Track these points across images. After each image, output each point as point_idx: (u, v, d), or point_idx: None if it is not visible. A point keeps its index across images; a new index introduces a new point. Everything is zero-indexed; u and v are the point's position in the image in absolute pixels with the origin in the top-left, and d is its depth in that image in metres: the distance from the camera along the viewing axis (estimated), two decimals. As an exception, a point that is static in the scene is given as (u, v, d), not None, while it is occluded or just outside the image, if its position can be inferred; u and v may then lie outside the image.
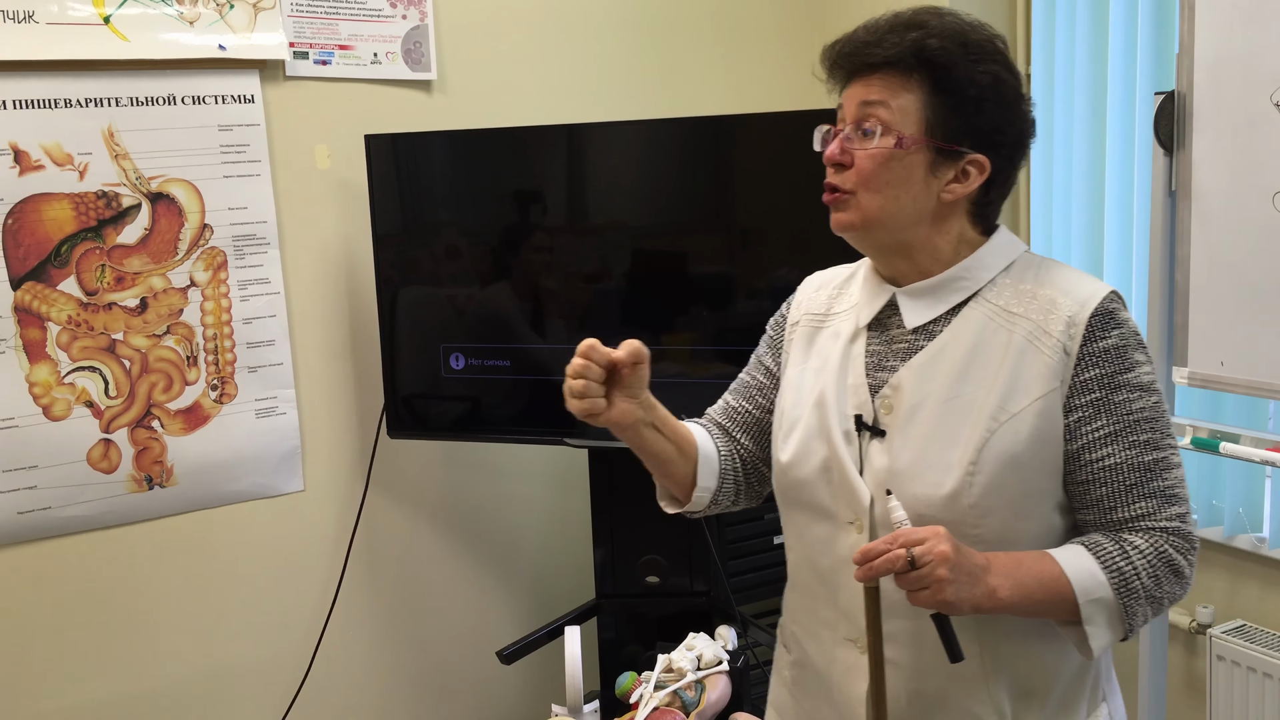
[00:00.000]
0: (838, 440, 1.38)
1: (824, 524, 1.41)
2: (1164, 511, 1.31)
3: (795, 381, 1.48)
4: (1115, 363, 1.30)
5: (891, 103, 1.31)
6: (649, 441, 1.45)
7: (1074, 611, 1.27)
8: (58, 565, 2.50)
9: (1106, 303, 1.32)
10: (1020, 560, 1.27)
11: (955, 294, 1.37)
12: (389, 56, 2.75)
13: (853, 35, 1.37)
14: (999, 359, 1.32)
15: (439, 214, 2.70)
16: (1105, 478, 1.30)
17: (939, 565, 1.19)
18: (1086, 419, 1.30)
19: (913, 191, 1.33)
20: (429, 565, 2.94)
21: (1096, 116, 2.81)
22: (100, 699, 2.57)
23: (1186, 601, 2.71)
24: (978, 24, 1.36)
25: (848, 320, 1.45)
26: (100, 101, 2.43)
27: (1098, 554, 1.29)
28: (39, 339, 2.42)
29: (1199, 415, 2.43)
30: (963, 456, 1.29)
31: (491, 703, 3.05)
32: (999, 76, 1.33)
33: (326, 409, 2.77)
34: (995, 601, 1.24)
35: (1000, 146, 1.35)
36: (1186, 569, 1.32)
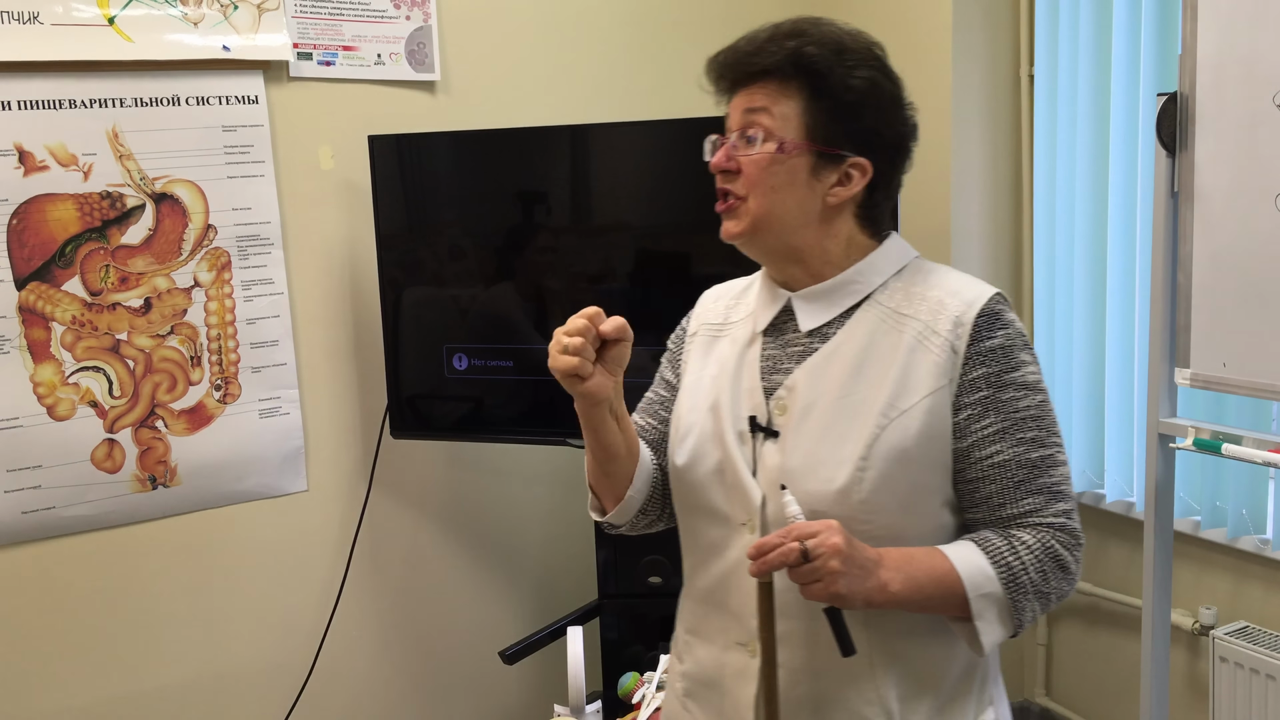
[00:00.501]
0: (731, 442, 1.40)
1: (718, 527, 1.42)
2: (1051, 508, 1.33)
3: (692, 388, 1.50)
4: (1001, 362, 1.33)
5: (773, 109, 1.35)
6: (608, 429, 1.45)
7: (964, 607, 1.29)
8: (62, 565, 2.51)
9: (992, 304, 1.35)
10: (911, 555, 1.30)
11: (848, 297, 1.40)
12: (392, 57, 2.75)
13: (734, 46, 1.40)
14: (889, 358, 1.35)
15: (442, 214, 2.71)
16: (994, 474, 1.33)
17: (831, 557, 1.21)
18: (975, 417, 1.33)
19: (797, 195, 1.36)
20: (432, 565, 2.95)
21: (1099, 118, 2.81)
22: (104, 698, 2.58)
23: (1189, 603, 2.71)
24: (856, 32, 1.41)
25: (744, 327, 1.48)
26: (104, 102, 2.44)
27: (987, 550, 1.31)
28: (43, 339, 2.43)
29: (1201, 416, 2.43)
30: (853, 452, 1.32)
31: (494, 703, 3.05)
32: (875, 81, 1.37)
33: (330, 409, 2.77)
34: (887, 595, 1.26)
35: (880, 149, 1.38)
36: (1073, 565, 1.34)
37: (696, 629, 1.49)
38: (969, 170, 3.03)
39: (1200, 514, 2.65)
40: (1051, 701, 3.21)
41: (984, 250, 3.08)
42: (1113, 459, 2.87)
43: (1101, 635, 3.04)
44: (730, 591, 1.40)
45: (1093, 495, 2.97)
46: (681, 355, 1.57)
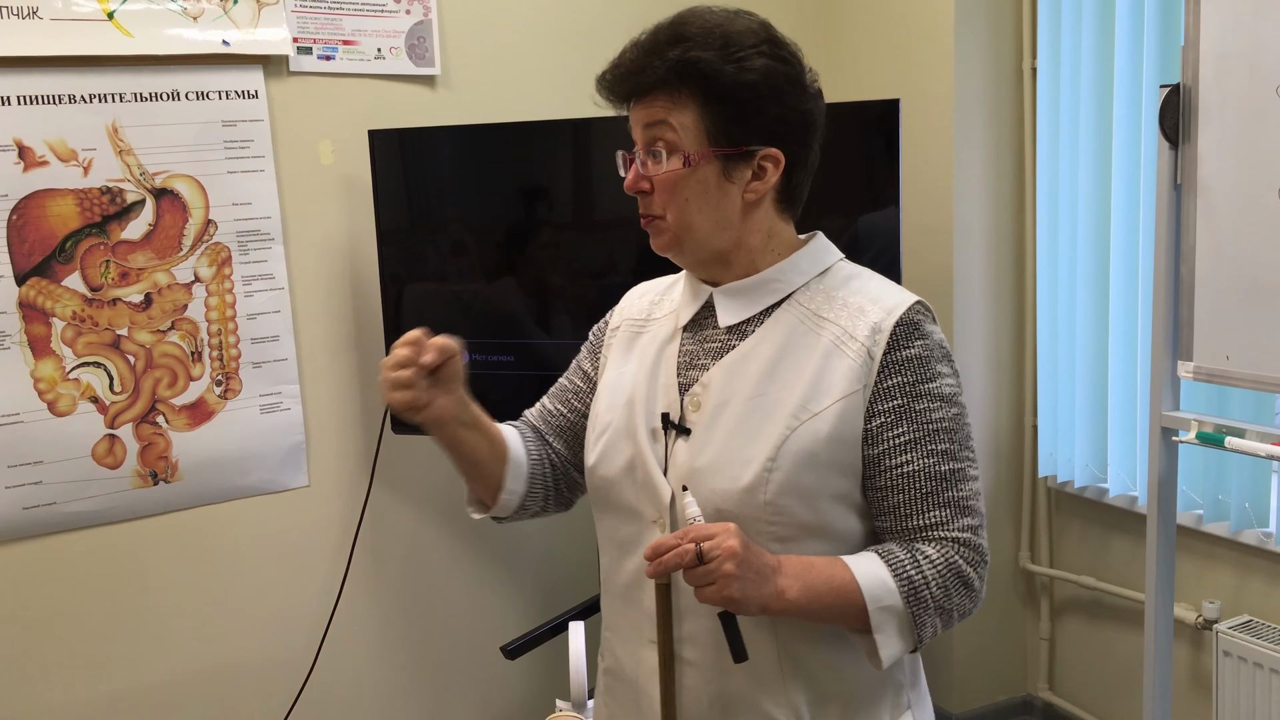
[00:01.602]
0: (642, 438, 1.39)
1: (631, 524, 1.41)
2: (956, 522, 1.31)
3: (611, 385, 1.49)
4: (917, 371, 1.31)
5: (671, 121, 1.32)
6: (463, 440, 1.45)
7: (864, 618, 1.27)
8: (63, 561, 2.51)
9: (912, 313, 1.33)
10: (811, 564, 1.27)
11: (769, 296, 1.38)
12: (393, 51, 2.74)
13: (620, 62, 1.37)
14: (805, 360, 1.33)
15: (444, 209, 2.70)
16: (902, 485, 1.31)
17: (725, 560, 1.19)
18: (887, 425, 1.31)
19: (714, 202, 1.34)
20: (433, 560, 2.94)
21: (1102, 110, 2.80)
22: (105, 693, 2.58)
23: (1193, 597, 2.71)
24: (737, 13, 1.35)
25: (666, 324, 1.47)
26: (104, 97, 2.43)
27: (889, 562, 1.29)
28: (44, 335, 2.43)
29: (1204, 410, 2.42)
30: (761, 451, 1.30)
31: (495, 698, 3.05)
32: (769, 69, 1.31)
33: (331, 404, 2.77)
34: (783, 603, 1.24)
35: (788, 134, 1.34)
36: (976, 582, 1.32)
37: (614, 626, 1.48)
38: (972, 163, 3.02)
39: (1203, 508, 2.65)
40: (1055, 696, 3.21)
41: (987, 243, 3.07)
42: (1115, 452, 2.86)
43: (1104, 629, 3.04)
44: (644, 589, 1.39)
45: (1095, 489, 2.96)
46: (601, 349, 1.56)
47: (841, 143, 2.67)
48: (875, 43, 3.21)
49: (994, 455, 3.16)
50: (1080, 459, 2.95)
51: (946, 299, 3.04)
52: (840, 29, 3.32)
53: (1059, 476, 3.04)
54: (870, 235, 2.54)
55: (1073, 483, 3.00)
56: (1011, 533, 3.22)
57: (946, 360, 1.34)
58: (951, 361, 1.35)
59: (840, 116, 2.78)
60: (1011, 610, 3.25)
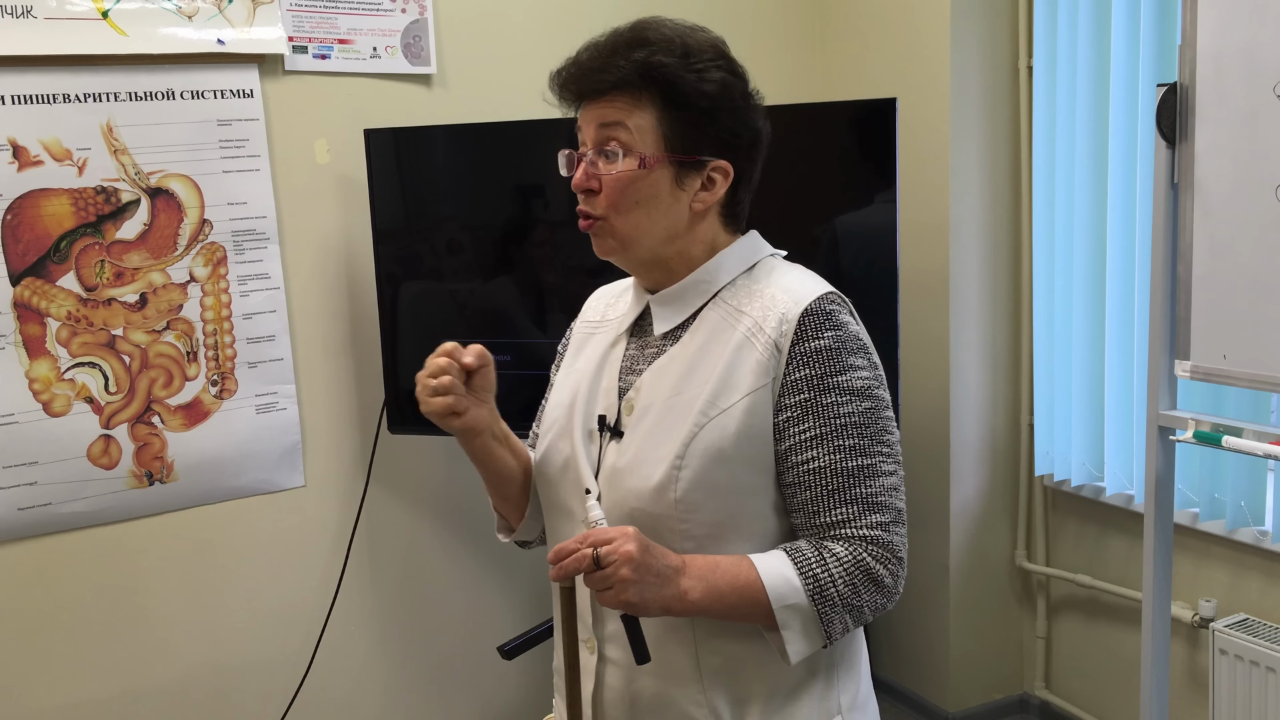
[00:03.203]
0: (578, 439, 1.40)
1: (567, 523, 1.43)
2: (864, 519, 1.29)
3: (559, 385, 1.51)
4: (826, 364, 1.30)
5: (628, 122, 1.32)
6: (493, 453, 1.47)
7: (769, 617, 1.27)
8: (58, 561, 2.50)
9: (822, 303, 1.32)
10: (716, 564, 1.27)
11: (698, 297, 1.38)
12: (388, 50, 2.74)
13: (577, 60, 1.37)
14: (718, 356, 1.33)
15: (439, 208, 2.70)
16: (809, 481, 1.30)
17: (622, 565, 1.20)
18: (794, 419, 1.30)
19: (662, 207, 1.34)
20: (430, 560, 2.94)
21: (1099, 109, 2.80)
22: (102, 695, 2.57)
23: (1189, 595, 2.71)
24: (695, 28, 1.38)
25: (615, 327, 1.48)
26: (99, 96, 2.43)
27: (796, 560, 1.28)
28: (39, 335, 2.42)
29: (1201, 409, 2.42)
30: (671, 450, 1.30)
31: (492, 698, 3.05)
32: (726, 82, 1.34)
33: (327, 404, 2.77)
34: (686, 604, 1.24)
35: (739, 148, 1.36)
36: (887, 579, 1.30)
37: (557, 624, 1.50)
38: (968, 163, 3.02)
39: (1199, 506, 2.65)
40: (1051, 694, 3.21)
41: (983, 243, 3.07)
42: (1112, 451, 2.87)
43: (1101, 628, 3.04)
44: (579, 588, 1.39)
45: (1092, 488, 2.96)
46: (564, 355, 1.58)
47: (838, 141, 2.68)
48: (871, 41, 3.20)
49: (990, 454, 3.16)
50: (1077, 457, 2.96)
51: (943, 297, 3.04)
52: (837, 28, 3.32)
53: (1055, 475, 3.04)
54: (866, 233, 2.54)
55: (1069, 481, 3.00)
56: (1008, 531, 3.22)
57: (862, 352, 1.32)
58: (869, 354, 1.33)
59: (837, 115, 2.79)
60: (1008, 609, 3.25)
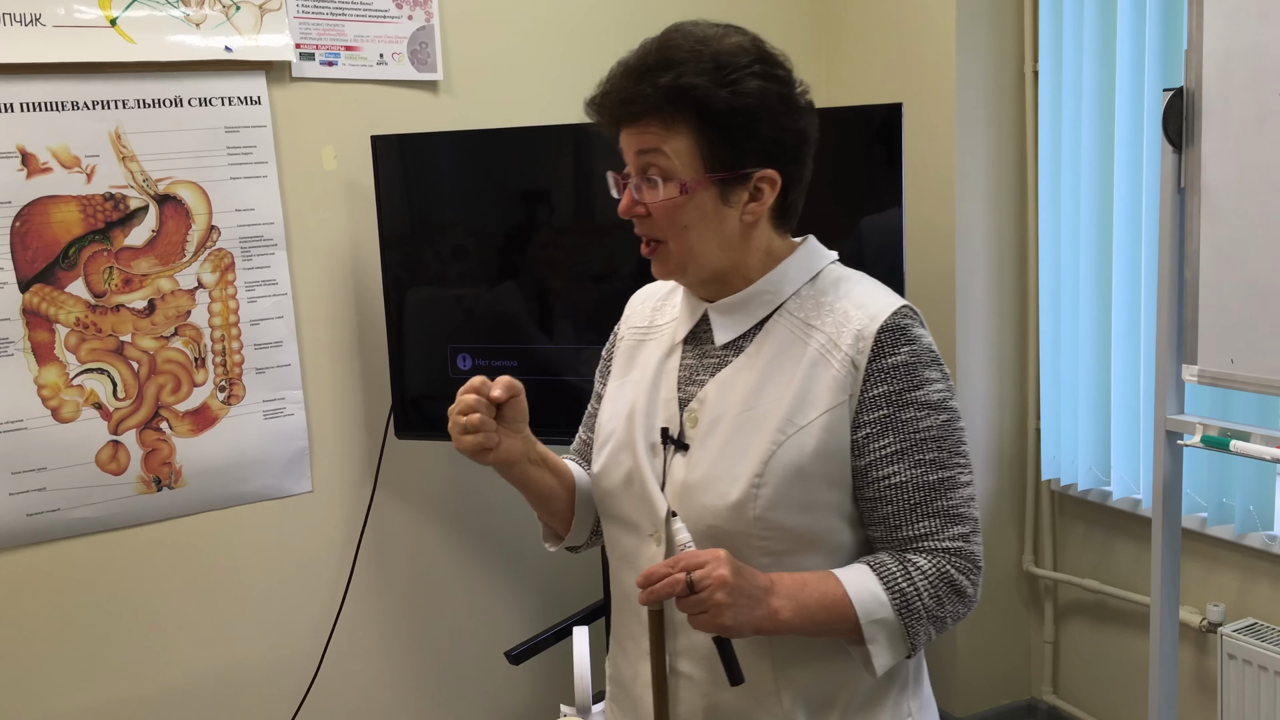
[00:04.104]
0: (641, 452, 1.39)
1: (629, 536, 1.42)
2: (947, 531, 1.30)
3: (614, 395, 1.49)
4: (904, 379, 1.29)
5: (665, 148, 1.30)
6: (532, 477, 1.45)
7: (857, 631, 1.27)
8: (66, 567, 2.51)
9: (897, 318, 1.31)
10: (804, 581, 1.27)
11: (761, 308, 1.37)
12: (395, 57, 2.75)
13: (609, 87, 1.34)
14: (792, 372, 1.32)
15: (446, 214, 2.70)
16: (890, 495, 1.30)
17: (717, 589, 1.19)
18: (874, 436, 1.29)
19: (712, 226, 1.32)
20: (437, 566, 2.94)
21: (1105, 114, 2.80)
22: (109, 700, 2.58)
23: (1197, 600, 2.71)
24: (726, 30, 1.33)
25: (667, 334, 1.46)
26: (107, 104, 2.44)
27: (881, 574, 1.29)
28: (47, 341, 2.43)
29: (1209, 413, 2.42)
30: (749, 468, 1.29)
31: (500, 703, 3.05)
32: (761, 90, 1.29)
33: (334, 410, 2.77)
34: (777, 623, 1.24)
35: (783, 154, 1.33)
36: (969, 589, 1.31)
37: (617, 634, 1.49)
38: (973, 167, 3.02)
39: (1207, 510, 2.64)
40: (1059, 699, 3.21)
41: (989, 247, 3.07)
42: (1119, 456, 2.86)
43: (1109, 633, 3.03)
44: None
45: (1099, 493, 2.96)
46: (610, 363, 1.55)
47: (844, 146, 2.67)
48: (877, 47, 3.21)
49: (997, 458, 3.16)
50: (1083, 462, 2.95)
51: (949, 302, 3.04)
52: (842, 33, 3.32)
53: (1062, 479, 3.04)
54: (873, 238, 2.54)
55: (1076, 486, 3.00)
56: (1015, 536, 3.21)
57: (935, 365, 1.32)
58: (941, 365, 1.33)
59: (843, 121, 2.79)
60: (1015, 613, 3.25)
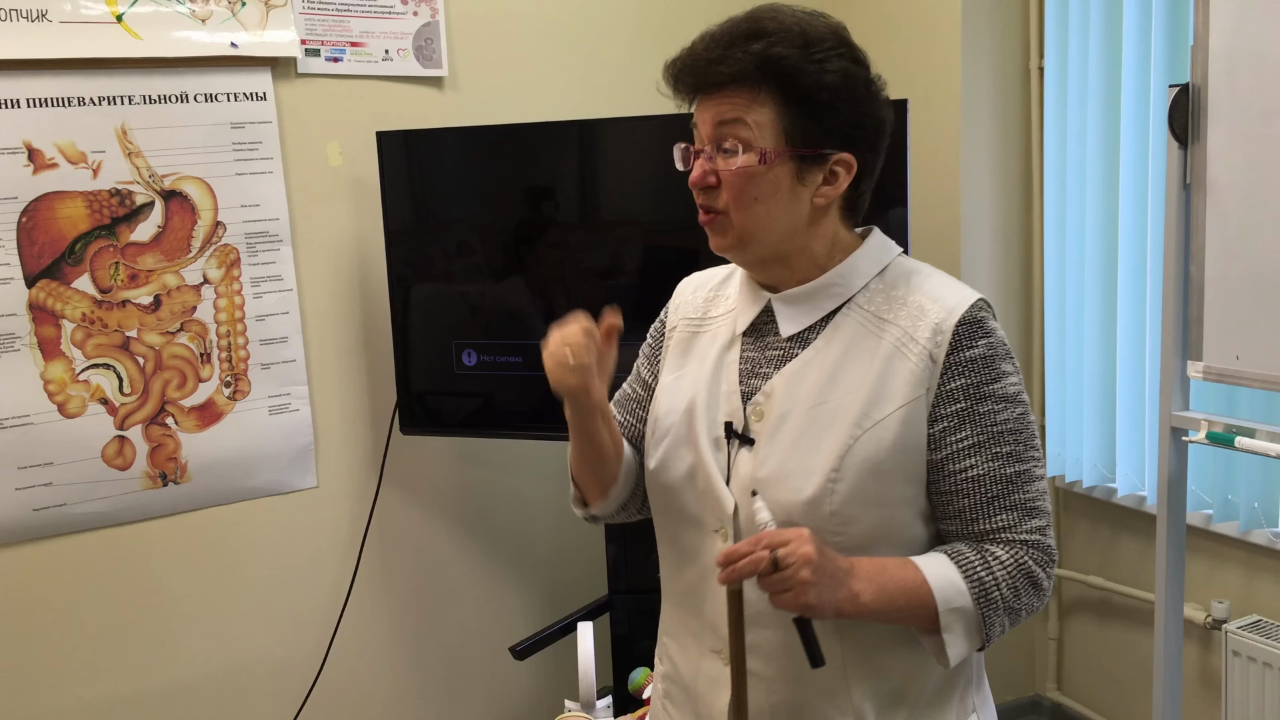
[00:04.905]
0: (704, 447, 1.37)
1: (691, 532, 1.40)
2: (1025, 524, 1.30)
3: (670, 388, 1.46)
4: (981, 373, 1.29)
5: (747, 118, 1.28)
6: (598, 432, 1.43)
7: (934, 620, 1.26)
8: (72, 562, 2.52)
9: (974, 311, 1.30)
10: (884, 566, 1.26)
11: (829, 301, 1.35)
12: (400, 53, 2.75)
13: (692, 52, 1.33)
14: (867, 366, 1.30)
15: (451, 210, 2.71)
16: (968, 489, 1.29)
17: (802, 567, 1.17)
18: (951, 429, 1.29)
19: (783, 203, 1.30)
20: (442, 561, 2.95)
21: (1111, 110, 2.79)
22: (115, 695, 2.59)
23: (1202, 597, 2.70)
24: (815, 14, 1.33)
25: (724, 325, 1.44)
26: (113, 100, 2.44)
27: (959, 563, 1.28)
28: (53, 336, 2.43)
29: (1214, 409, 2.42)
30: (825, 463, 1.28)
31: (504, 698, 3.06)
32: (848, 72, 1.30)
33: (339, 405, 2.78)
34: (858, 606, 1.23)
35: (861, 140, 1.32)
36: (1045, 581, 1.31)
37: (672, 632, 1.47)
38: (979, 164, 3.02)
39: (1212, 507, 2.64)
40: (1063, 696, 3.21)
41: (994, 244, 3.07)
42: (1124, 453, 2.86)
43: (1113, 629, 3.03)
44: (704, 598, 1.38)
45: (1104, 489, 2.96)
46: (660, 352, 1.53)
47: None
48: (882, 42, 3.20)
49: (1002, 455, 3.15)
50: (1088, 458, 2.95)
51: (954, 299, 3.03)
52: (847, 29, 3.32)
53: (1067, 476, 3.04)
54: (878, 235, 2.54)
55: (1081, 482, 3.00)
56: (1020, 532, 3.21)
57: (1009, 358, 1.32)
58: (1013, 359, 1.33)
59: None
60: (1020, 610, 3.25)
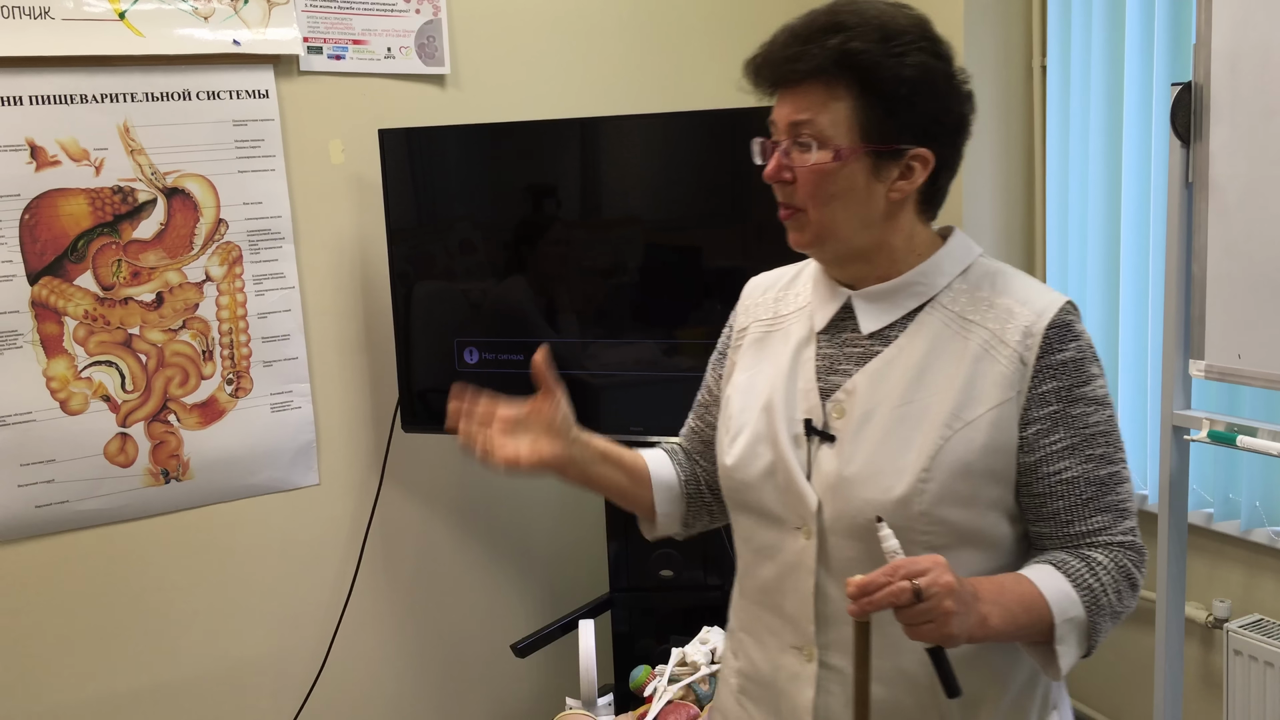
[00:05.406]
0: (784, 444, 1.36)
1: (771, 529, 1.39)
2: (1119, 525, 1.31)
3: (744, 386, 1.45)
4: (1072, 375, 1.29)
5: (822, 116, 1.28)
6: (598, 476, 1.46)
7: (1048, 632, 1.25)
8: (75, 559, 2.52)
9: (1063, 314, 1.31)
10: (1002, 584, 1.25)
11: (911, 299, 1.35)
12: (403, 51, 2.75)
13: (771, 48, 1.32)
14: (954, 366, 1.30)
15: (453, 208, 2.71)
16: (1062, 491, 1.29)
17: (945, 597, 1.14)
18: (1044, 432, 1.29)
19: (859, 199, 1.30)
20: (443, 559, 2.95)
21: (1113, 108, 2.79)
22: (116, 692, 2.59)
23: (1203, 596, 2.70)
24: (898, 6, 1.31)
25: (798, 323, 1.43)
26: (116, 97, 2.44)
27: (1067, 572, 1.28)
28: (56, 334, 2.44)
29: (1216, 408, 2.41)
30: (915, 462, 1.27)
31: (505, 695, 3.06)
32: (927, 66, 1.28)
33: (341, 403, 2.78)
34: (986, 629, 1.20)
35: (940, 135, 1.31)
36: (1140, 581, 1.32)
37: (749, 628, 1.46)
38: (981, 162, 3.02)
39: (1214, 506, 2.64)
40: (1064, 694, 3.20)
41: (997, 242, 3.07)
42: (1126, 450, 2.85)
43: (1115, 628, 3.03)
44: (785, 595, 1.37)
45: (1106, 488, 2.95)
46: (730, 354, 1.52)
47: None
48: (885, 41, 3.20)
49: (1004, 454, 3.15)
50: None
51: (956, 297, 3.04)
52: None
53: (1069, 475, 3.03)
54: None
55: (1083, 481, 2.99)
56: (1021, 531, 3.21)
57: (1096, 360, 1.32)
58: (1099, 362, 1.33)
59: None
60: (1021, 609, 3.25)
